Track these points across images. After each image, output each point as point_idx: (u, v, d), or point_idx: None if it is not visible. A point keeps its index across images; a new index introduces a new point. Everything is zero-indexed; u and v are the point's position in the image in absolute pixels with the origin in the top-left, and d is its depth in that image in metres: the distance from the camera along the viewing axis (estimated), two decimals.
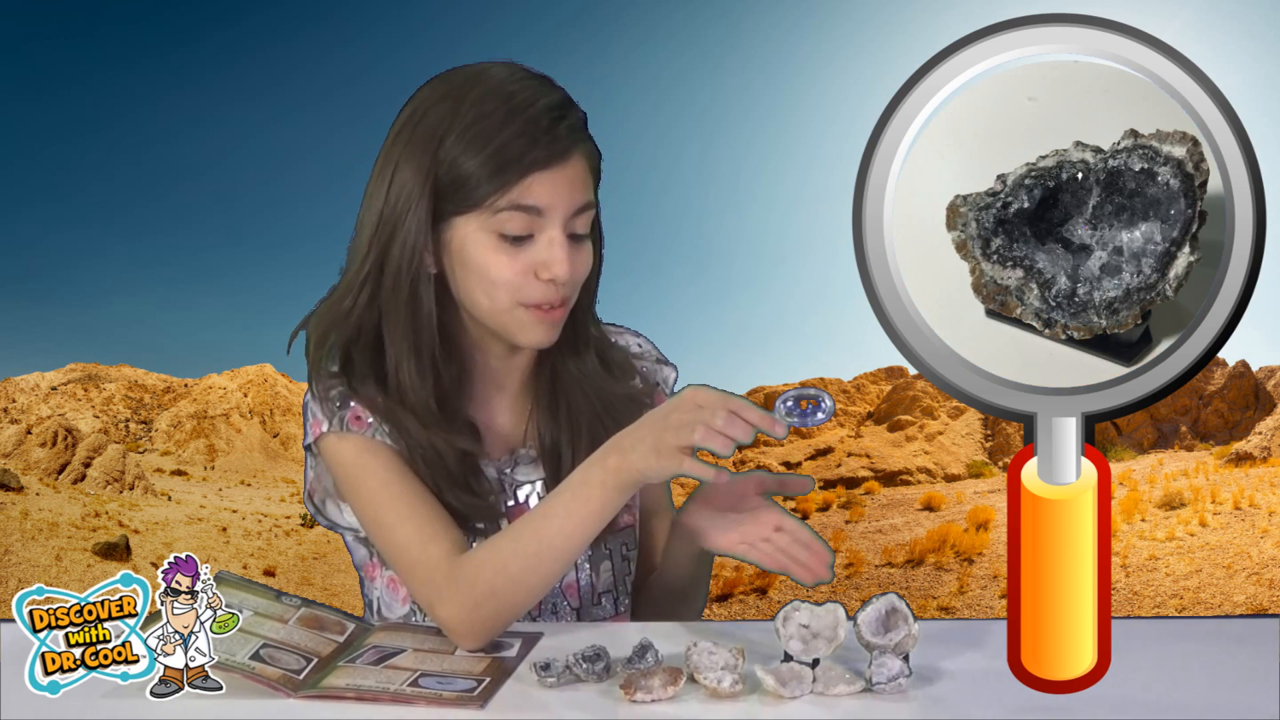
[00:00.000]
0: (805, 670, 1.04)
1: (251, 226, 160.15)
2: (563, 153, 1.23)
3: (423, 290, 1.28)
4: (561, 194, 1.24)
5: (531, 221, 1.24)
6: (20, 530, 13.49)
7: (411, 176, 1.25)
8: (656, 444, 1.11)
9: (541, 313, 1.27)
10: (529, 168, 1.22)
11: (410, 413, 1.28)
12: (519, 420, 1.39)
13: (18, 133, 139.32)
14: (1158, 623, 1.31)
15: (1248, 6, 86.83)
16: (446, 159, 1.23)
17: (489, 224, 1.24)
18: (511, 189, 1.22)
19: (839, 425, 27.80)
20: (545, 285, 1.25)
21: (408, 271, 1.27)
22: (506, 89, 1.24)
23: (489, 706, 1.03)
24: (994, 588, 11.77)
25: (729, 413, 1.09)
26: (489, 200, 1.23)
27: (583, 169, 1.26)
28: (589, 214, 1.28)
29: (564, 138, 1.23)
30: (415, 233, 1.25)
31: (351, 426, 1.28)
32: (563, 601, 1.36)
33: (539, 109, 1.23)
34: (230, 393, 33.76)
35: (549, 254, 1.24)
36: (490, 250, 1.24)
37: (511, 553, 1.18)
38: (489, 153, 1.22)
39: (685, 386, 1.14)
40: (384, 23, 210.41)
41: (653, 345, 1.49)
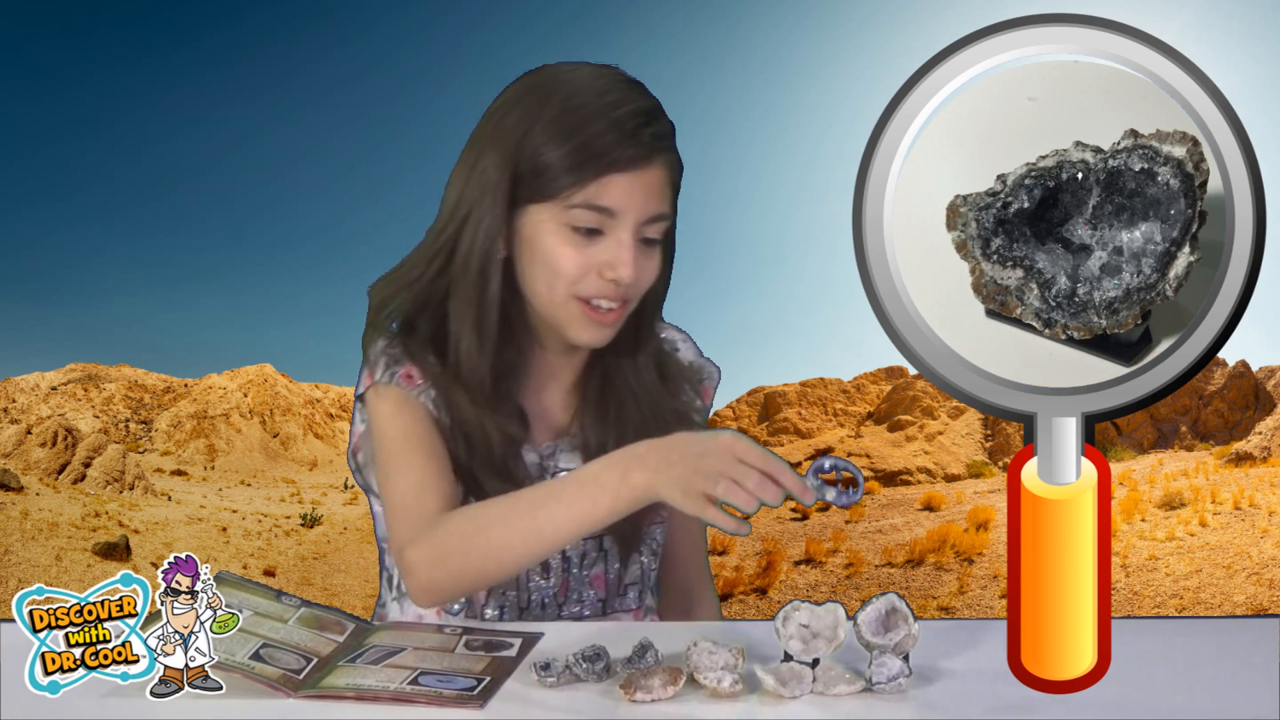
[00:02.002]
0: (805, 670, 1.04)
1: (251, 226, 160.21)
2: (643, 158, 1.24)
3: (491, 271, 1.30)
4: (636, 199, 1.25)
5: (603, 221, 1.25)
6: (20, 530, 13.49)
7: (494, 162, 1.27)
8: (685, 484, 1.08)
9: (597, 313, 1.28)
10: (608, 167, 1.23)
11: (463, 388, 1.30)
12: (567, 413, 1.40)
13: (18, 133, 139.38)
14: (1158, 623, 1.31)
15: (1248, 6, 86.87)
16: (530, 147, 1.25)
17: (561, 216, 1.25)
18: (588, 185, 1.24)
19: (839, 425, 27.79)
20: (606, 283, 1.26)
21: (480, 252, 1.29)
22: (598, 87, 1.25)
23: (489, 706, 1.03)
24: (994, 588, 11.77)
25: (762, 476, 1.06)
26: (565, 193, 1.24)
27: (662, 178, 1.27)
28: (662, 224, 1.28)
29: (647, 143, 1.24)
30: (491, 215, 1.28)
31: (401, 383, 1.31)
32: (588, 590, 1.38)
33: (626, 111, 1.24)
34: (230, 393, 33.76)
35: (615, 254, 1.25)
36: (560, 241, 1.26)
37: (500, 519, 1.17)
38: (571, 146, 1.23)
39: (726, 431, 1.10)
40: (384, 23, 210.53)
41: (694, 342, 1.50)
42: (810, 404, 28.58)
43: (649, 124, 1.25)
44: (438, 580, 1.19)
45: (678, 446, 1.10)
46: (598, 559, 1.38)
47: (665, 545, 1.46)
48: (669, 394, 1.41)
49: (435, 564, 1.19)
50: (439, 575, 1.19)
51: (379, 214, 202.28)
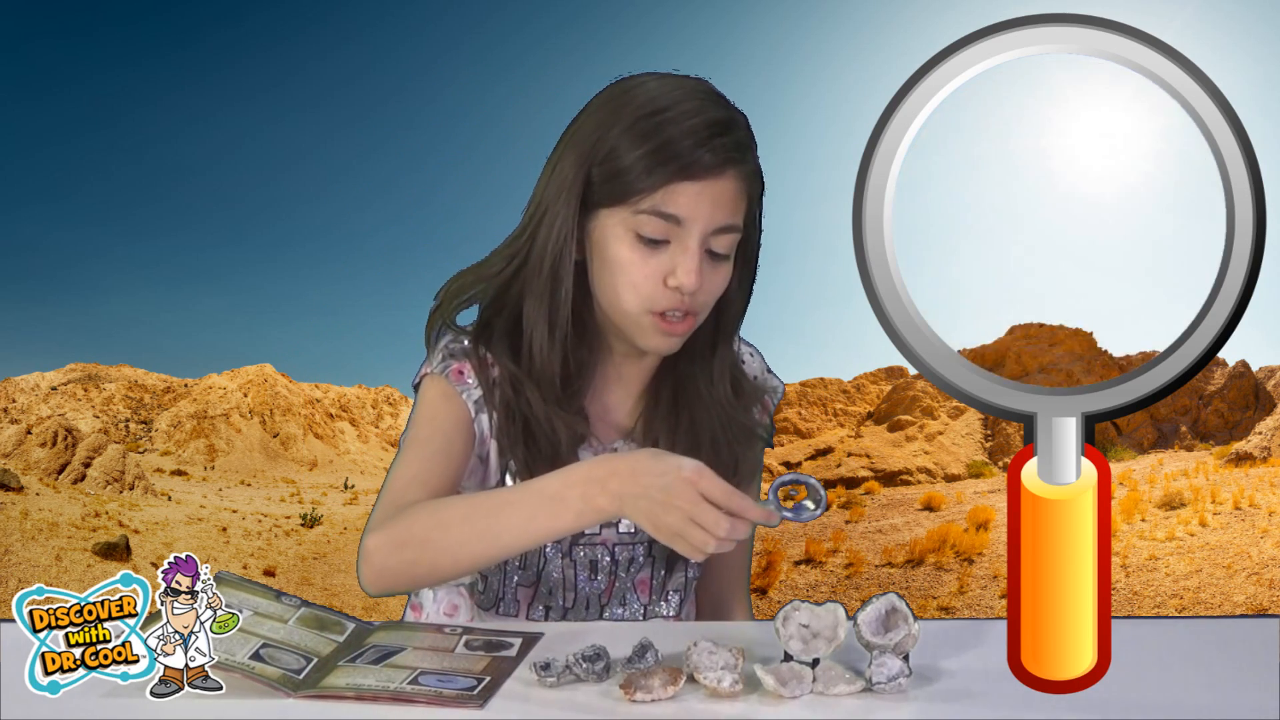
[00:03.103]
0: (805, 670, 1.04)
1: (251, 226, 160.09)
2: (713, 167, 1.24)
3: (563, 272, 1.31)
4: (704, 208, 1.25)
5: (669, 229, 1.25)
6: (20, 530, 13.48)
7: (570, 163, 1.29)
8: (653, 518, 1.09)
9: (666, 323, 1.28)
10: (678, 174, 1.23)
11: (535, 384, 1.31)
12: (631, 417, 1.41)
13: (18, 133, 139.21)
14: (1158, 623, 1.31)
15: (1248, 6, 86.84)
16: (603, 150, 1.26)
17: (629, 222, 1.26)
18: (656, 192, 1.24)
19: (839, 425, 27.79)
20: (672, 294, 1.27)
21: (553, 252, 1.30)
22: (676, 96, 1.26)
23: (489, 706, 1.03)
24: (994, 588, 11.77)
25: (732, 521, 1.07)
26: (633, 199, 1.25)
27: (733, 190, 1.26)
28: (731, 236, 1.28)
29: (719, 153, 1.24)
30: (565, 216, 1.29)
31: (451, 378, 1.33)
32: (633, 594, 1.39)
33: (700, 121, 1.24)
34: (230, 393, 33.76)
35: (679, 262, 1.26)
36: (626, 247, 1.27)
37: (461, 518, 1.18)
38: (641, 152, 1.24)
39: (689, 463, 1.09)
40: (384, 23, 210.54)
41: (762, 357, 1.50)
42: (810, 404, 28.58)
43: (723, 134, 1.25)
44: (390, 568, 1.19)
45: (640, 476, 1.10)
46: (645, 564, 1.39)
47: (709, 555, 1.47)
48: (742, 408, 1.40)
49: (391, 552, 1.19)
50: (393, 563, 1.19)
51: (379, 214, 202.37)
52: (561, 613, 1.37)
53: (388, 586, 1.21)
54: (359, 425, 36.33)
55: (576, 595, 1.37)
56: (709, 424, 1.37)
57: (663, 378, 1.40)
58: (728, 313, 1.36)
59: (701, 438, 1.37)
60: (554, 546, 1.36)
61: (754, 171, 1.29)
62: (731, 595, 1.52)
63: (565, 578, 1.36)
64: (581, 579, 1.37)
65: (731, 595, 1.52)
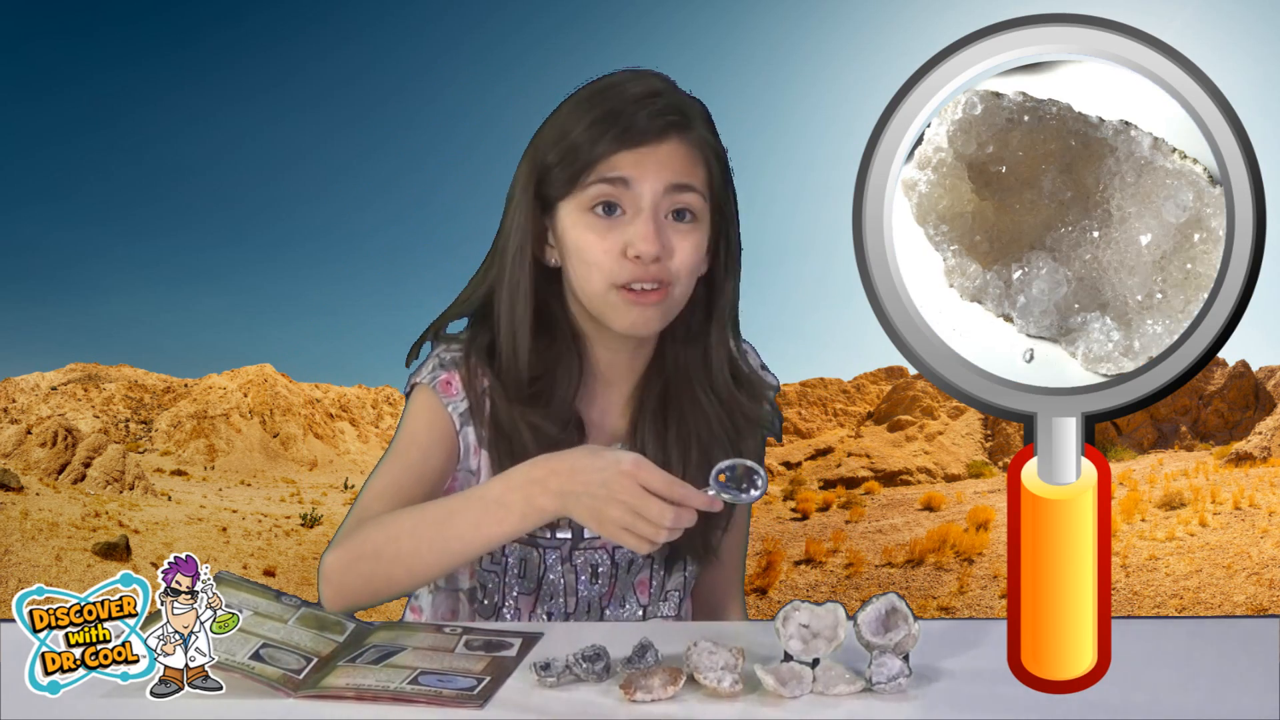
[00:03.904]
0: (805, 670, 1.04)
1: (251, 226, 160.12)
2: (649, 133, 1.25)
3: (522, 270, 1.32)
4: (648, 169, 1.25)
5: (619, 193, 1.26)
6: (20, 530, 13.48)
7: (524, 165, 1.31)
8: (597, 514, 1.09)
9: (633, 295, 1.27)
10: (612, 145, 1.25)
11: (502, 386, 1.32)
12: (623, 420, 1.40)
13: (18, 133, 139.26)
14: (1158, 623, 1.31)
15: (1248, 6, 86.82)
16: (544, 144, 1.29)
17: (582, 201, 1.27)
18: (598, 164, 1.25)
19: (839, 425, 27.78)
20: (634, 264, 1.26)
21: (514, 249, 1.32)
22: (609, 82, 1.29)
23: (489, 706, 1.03)
24: (994, 588, 11.77)
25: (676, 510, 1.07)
26: (580, 179, 1.26)
27: (679, 153, 1.27)
28: (689, 196, 1.27)
29: (651, 120, 1.25)
30: (521, 213, 1.31)
31: (438, 389, 1.34)
32: (632, 595, 1.39)
33: (629, 94, 1.26)
34: (230, 393, 33.75)
35: (634, 229, 1.25)
36: (584, 229, 1.27)
37: (409, 531, 1.19)
38: (575, 139, 1.26)
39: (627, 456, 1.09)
40: (384, 23, 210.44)
41: (757, 354, 1.50)
42: (810, 404, 28.57)
43: (652, 104, 1.26)
44: (348, 584, 1.20)
45: (579, 473, 1.10)
46: (644, 565, 1.39)
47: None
48: (745, 398, 1.39)
49: (347, 568, 1.20)
50: (349, 579, 1.20)
51: (379, 214, 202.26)
52: (563, 617, 1.37)
53: (348, 603, 1.21)
54: (359, 425, 36.34)
55: (578, 600, 1.37)
56: (699, 423, 1.36)
57: (651, 378, 1.38)
58: (717, 298, 1.35)
59: (690, 438, 1.36)
60: (554, 553, 1.36)
61: (703, 140, 1.29)
62: (726, 596, 1.52)
63: (566, 584, 1.36)
64: (583, 584, 1.37)
65: (726, 596, 1.52)
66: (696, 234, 1.28)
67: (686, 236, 1.28)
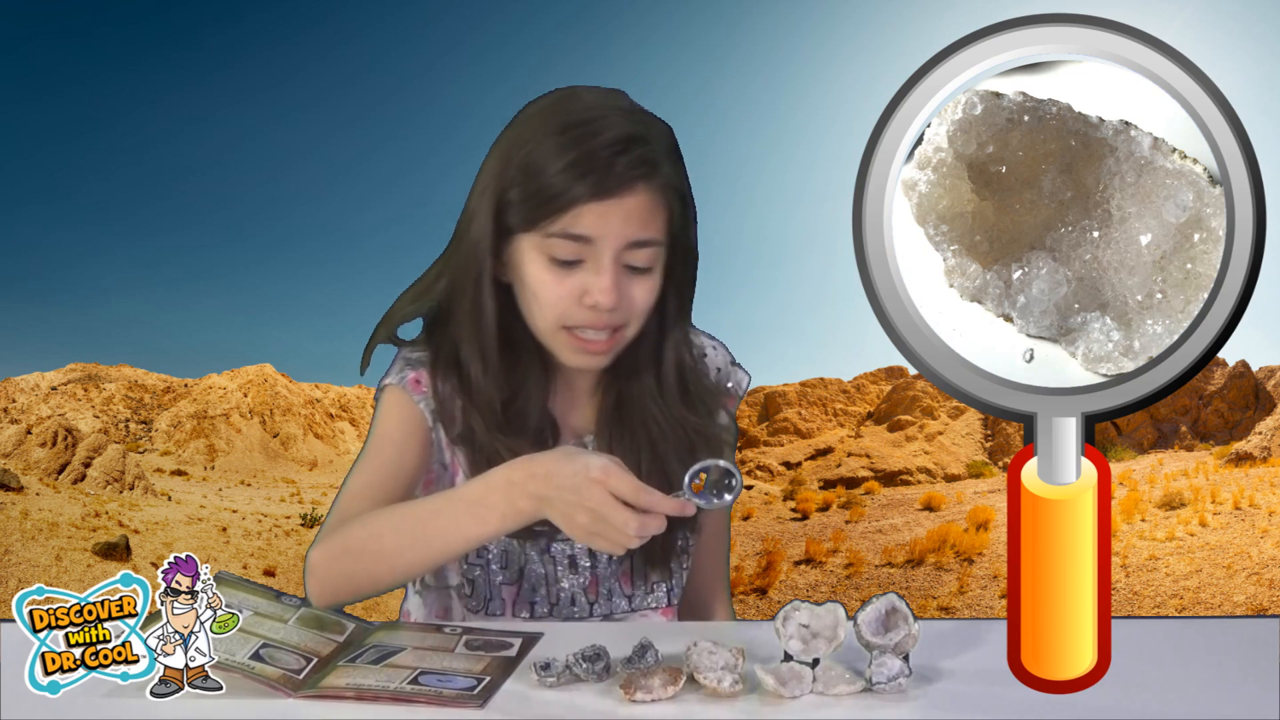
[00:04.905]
0: (805, 670, 1.04)
1: (251, 226, 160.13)
2: (617, 187, 1.23)
3: (485, 298, 1.31)
4: (613, 225, 1.24)
5: (581, 249, 1.25)
6: (20, 530, 13.48)
7: (486, 186, 1.29)
8: (569, 520, 1.10)
9: (580, 341, 1.28)
10: (577, 199, 1.23)
11: (478, 411, 1.32)
12: (588, 420, 1.41)
13: (18, 133, 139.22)
14: (1158, 623, 1.31)
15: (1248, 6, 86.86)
16: (509, 178, 1.27)
17: (541, 245, 1.26)
18: (562, 217, 1.24)
19: (839, 425, 27.78)
20: (588, 311, 1.26)
21: (471, 274, 1.31)
22: (581, 118, 1.25)
23: (489, 706, 1.03)
24: (994, 588, 11.77)
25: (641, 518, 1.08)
26: (541, 224, 1.25)
27: (645, 204, 1.25)
28: (648, 250, 1.27)
29: (621, 173, 1.23)
30: (480, 240, 1.30)
31: (408, 386, 1.34)
32: (618, 588, 1.39)
33: (600, 142, 1.23)
34: (230, 393, 33.76)
35: (594, 281, 1.25)
36: (541, 269, 1.27)
37: (392, 528, 1.19)
38: (543, 181, 1.24)
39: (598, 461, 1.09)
40: (384, 23, 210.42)
41: (726, 349, 1.50)
42: (810, 404, 28.58)
43: (624, 153, 1.23)
44: (332, 579, 1.21)
45: (553, 477, 1.11)
46: (625, 558, 1.39)
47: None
48: (696, 414, 1.39)
49: (330, 564, 1.21)
50: (333, 575, 1.21)
51: (379, 214, 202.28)
52: (548, 609, 1.37)
53: (332, 598, 1.22)
54: (359, 425, 36.33)
55: (560, 592, 1.37)
56: (659, 435, 1.36)
57: (609, 384, 1.39)
58: (670, 327, 1.35)
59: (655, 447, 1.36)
60: (534, 544, 1.36)
61: (667, 185, 1.27)
62: (711, 595, 1.52)
63: (546, 574, 1.37)
64: (563, 574, 1.37)
65: (711, 595, 1.52)
66: (652, 279, 1.29)
67: (640, 283, 1.28)
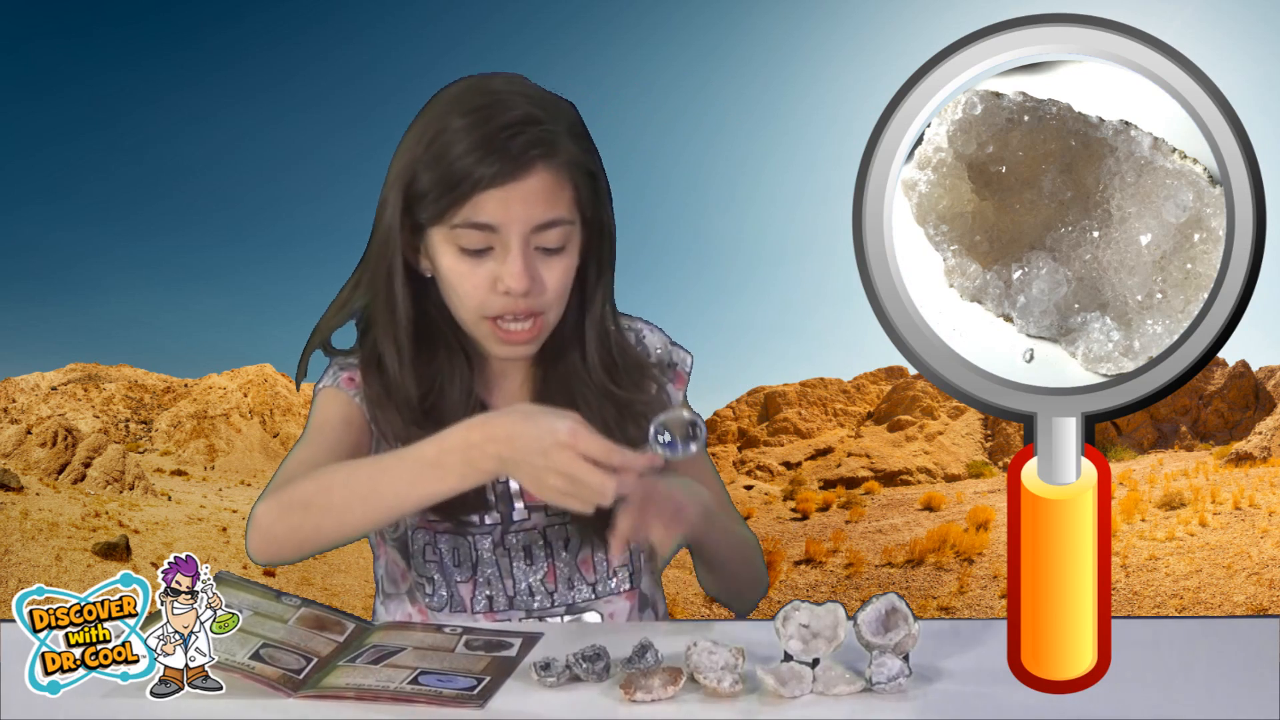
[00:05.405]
0: (805, 670, 1.04)
1: (251, 226, 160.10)
2: (516, 170, 1.23)
3: (397, 289, 1.31)
4: (515, 210, 1.24)
5: (488, 237, 1.25)
6: (20, 530, 13.48)
7: (394, 181, 1.29)
8: (536, 480, 1.08)
9: (505, 332, 1.28)
10: (476, 186, 1.23)
11: (395, 408, 1.32)
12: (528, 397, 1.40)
13: (18, 133, 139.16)
14: (1158, 623, 1.31)
15: (1248, 6, 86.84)
16: (412, 171, 1.27)
17: (450, 237, 1.26)
18: (463, 206, 1.24)
19: (839, 425, 27.79)
20: (504, 298, 1.26)
21: (383, 267, 1.31)
22: (475, 103, 1.25)
23: (489, 706, 1.03)
24: (994, 588, 11.77)
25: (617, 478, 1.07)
26: (445, 216, 1.25)
27: (547, 184, 1.25)
28: (557, 230, 1.26)
29: (518, 155, 1.22)
30: (390, 231, 1.30)
31: (343, 385, 1.36)
32: (579, 576, 1.38)
33: (494, 126, 1.23)
34: (230, 393, 33.76)
35: (504, 268, 1.25)
36: (453, 260, 1.27)
37: (343, 482, 1.17)
38: (440, 171, 1.24)
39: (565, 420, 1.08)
40: (384, 23, 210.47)
41: (663, 332, 1.49)
42: (810, 404, 28.58)
43: (519, 134, 1.23)
44: (277, 533, 1.19)
45: (517, 439, 1.08)
46: (584, 544, 1.38)
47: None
48: (623, 387, 1.38)
49: (277, 518, 1.19)
50: (279, 529, 1.19)
51: None
52: (508, 601, 1.36)
53: (275, 553, 1.20)
54: None
55: (516, 583, 1.37)
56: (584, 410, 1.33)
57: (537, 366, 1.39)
58: (590, 306, 1.35)
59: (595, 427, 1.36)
60: (486, 539, 1.36)
61: (570, 162, 1.26)
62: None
63: (501, 567, 1.36)
64: (518, 566, 1.37)
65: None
66: (566, 259, 1.29)
67: (555, 265, 1.28)
